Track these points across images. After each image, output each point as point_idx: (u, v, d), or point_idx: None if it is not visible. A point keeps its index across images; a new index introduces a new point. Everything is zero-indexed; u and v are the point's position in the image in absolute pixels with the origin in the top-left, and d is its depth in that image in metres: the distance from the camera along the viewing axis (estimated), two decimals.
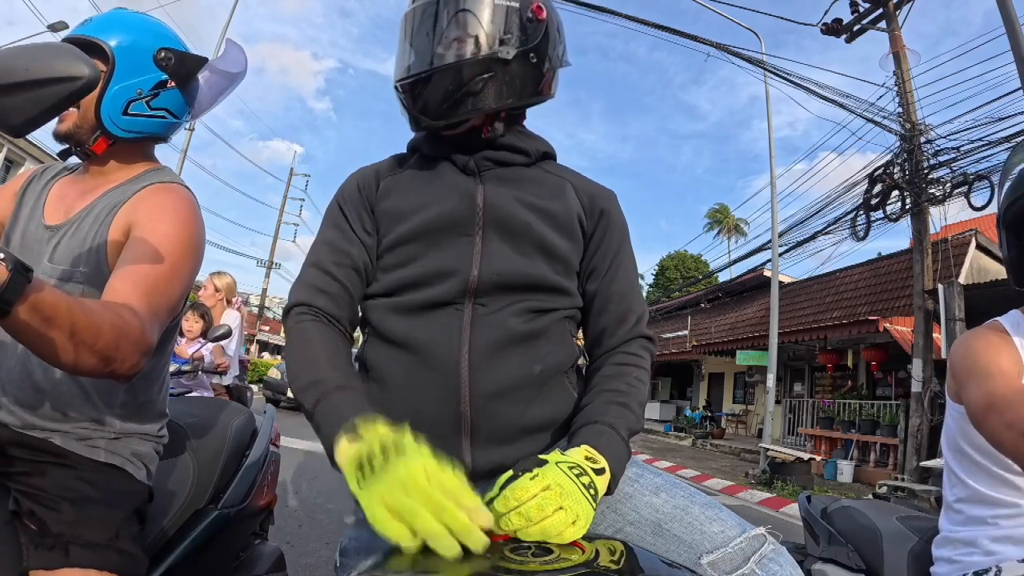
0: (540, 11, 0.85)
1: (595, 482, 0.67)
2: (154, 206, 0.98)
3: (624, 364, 0.87)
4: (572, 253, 0.90)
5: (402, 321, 0.84)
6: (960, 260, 9.51)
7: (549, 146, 0.98)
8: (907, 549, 1.16)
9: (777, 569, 0.71)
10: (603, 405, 0.81)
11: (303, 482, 4.78)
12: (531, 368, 0.82)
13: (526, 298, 0.85)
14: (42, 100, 0.60)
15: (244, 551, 1.46)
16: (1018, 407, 0.85)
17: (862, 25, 9.16)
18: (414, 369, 0.82)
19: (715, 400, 18.46)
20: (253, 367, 15.16)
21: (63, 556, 0.86)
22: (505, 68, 0.83)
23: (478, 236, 0.86)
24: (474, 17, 0.83)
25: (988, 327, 1.06)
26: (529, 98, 0.88)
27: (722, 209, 38.24)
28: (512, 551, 0.59)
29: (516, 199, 0.88)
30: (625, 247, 0.95)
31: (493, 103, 0.84)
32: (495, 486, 0.66)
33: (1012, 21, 5.33)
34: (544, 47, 0.86)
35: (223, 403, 1.52)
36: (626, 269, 0.93)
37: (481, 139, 0.90)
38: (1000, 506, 0.99)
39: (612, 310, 0.91)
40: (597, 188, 0.96)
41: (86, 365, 0.75)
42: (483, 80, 0.82)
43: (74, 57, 0.61)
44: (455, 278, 0.83)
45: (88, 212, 1.00)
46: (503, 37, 0.83)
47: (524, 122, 0.98)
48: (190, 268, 0.98)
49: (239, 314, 4.29)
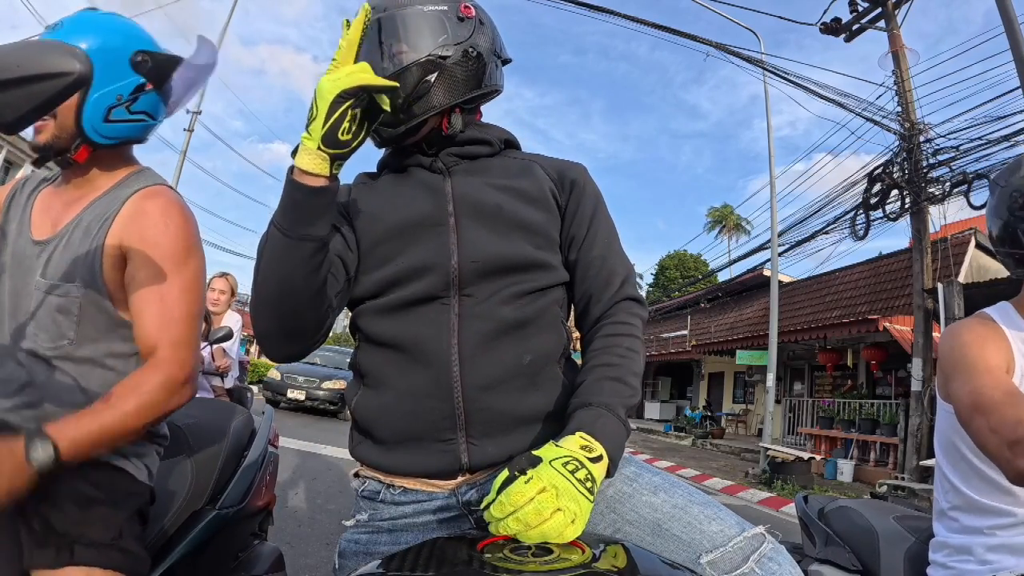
0: (468, 10, 0.90)
1: (592, 472, 0.67)
2: (146, 221, 0.99)
3: (614, 335, 0.86)
4: (549, 225, 0.90)
5: (389, 321, 0.85)
6: (960, 259, 9.52)
7: (510, 135, 1.00)
8: (903, 550, 1.15)
9: (776, 568, 0.71)
10: (595, 383, 0.80)
11: (302, 483, 4.77)
12: (521, 358, 0.83)
13: (512, 281, 0.85)
14: (34, 96, 0.60)
15: (243, 551, 1.46)
16: (1003, 410, 0.83)
17: (861, 24, 9.15)
18: (406, 368, 0.82)
19: (715, 400, 18.47)
20: (253, 368, 15.15)
21: (68, 555, 0.87)
22: (446, 66, 0.86)
23: (451, 225, 0.87)
24: (408, 27, 0.86)
25: (977, 319, 1.04)
26: (477, 90, 0.90)
27: (724, 208, 38.26)
28: (512, 551, 0.59)
29: (485, 184, 0.90)
30: (600, 211, 0.95)
31: (444, 100, 0.87)
32: (492, 489, 0.65)
33: (1011, 20, 5.34)
34: (479, 41, 0.89)
35: (221, 404, 1.52)
36: (605, 233, 0.93)
37: (442, 137, 0.92)
38: (996, 515, 0.96)
39: (594, 275, 0.91)
40: (564, 163, 0.98)
41: (144, 428, 0.92)
42: (428, 81, 0.85)
43: (65, 53, 0.61)
44: (436, 271, 0.84)
45: (76, 224, 0.99)
46: (439, 38, 0.86)
47: (481, 118, 1.00)
48: (197, 271, 1.01)
49: (240, 316, 4.30)
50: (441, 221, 0.87)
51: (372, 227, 0.89)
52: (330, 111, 0.71)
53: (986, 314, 1.04)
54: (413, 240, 0.87)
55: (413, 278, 0.84)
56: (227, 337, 3.25)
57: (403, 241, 0.87)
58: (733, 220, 36.93)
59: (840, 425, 10.30)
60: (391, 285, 0.86)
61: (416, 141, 0.92)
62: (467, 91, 0.89)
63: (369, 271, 0.88)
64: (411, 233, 0.87)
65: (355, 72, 0.72)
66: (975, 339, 0.97)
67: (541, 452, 0.68)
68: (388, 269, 0.86)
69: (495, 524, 0.63)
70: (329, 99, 0.71)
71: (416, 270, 0.85)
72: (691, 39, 8.95)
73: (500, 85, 0.95)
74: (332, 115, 0.71)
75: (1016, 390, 0.88)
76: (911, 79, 8.65)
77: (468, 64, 0.88)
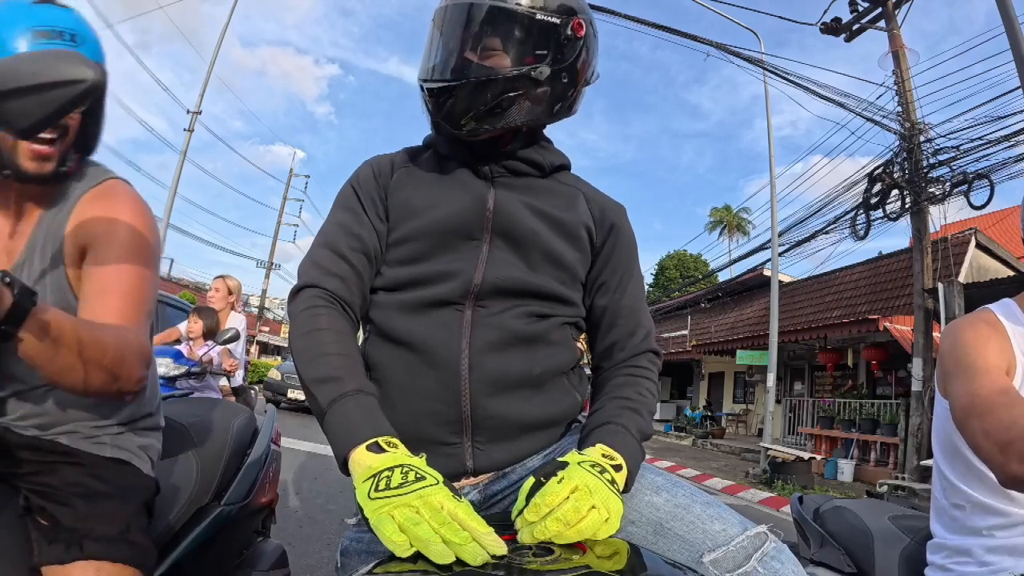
0: (580, 28, 0.83)
1: (616, 478, 0.68)
2: (101, 222, 0.92)
3: (634, 376, 0.88)
4: (578, 263, 0.90)
5: (404, 319, 0.84)
6: (960, 259, 9.51)
7: (564, 158, 0.97)
8: (898, 550, 1.14)
9: (779, 567, 0.70)
10: (615, 409, 0.82)
11: (304, 483, 4.77)
12: (531, 369, 0.83)
13: (527, 303, 0.85)
14: (48, 103, 0.61)
15: (247, 548, 1.47)
16: (998, 413, 0.82)
17: (861, 24, 9.14)
18: (415, 367, 0.82)
19: (715, 400, 18.45)
20: (253, 368, 15.16)
21: (77, 550, 0.87)
22: (535, 86, 0.82)
23: (485, 243, 0.86)
24: (511, 30, 0.80)
25: (979, 316, 1.02)
26: (554, 116, 0.88)
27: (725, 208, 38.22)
28: (512, 551, 0.59)
29: (526, 205, 0.88)
30: (634, 262, 0.95)
31: (518, 120, 0.83)
32: (520, 496, 0.66)
33: (1011, 20, 5.33)
34: (577, 66, 0.85)
35: (225, 403, 1.53)
36: (635, 284, 0.94)
37: (499, 150, 0.90)
38: (995, 515, 0.94)
39: (622, 324, 0.92)
40: (608, 201, 0.97)
41: (96, 383, 0.77)
42: (511, 98, 0.81)
43: (79, 62, 0.62)
44: (459, 281, 0.83)
45: (32, 249, 0.93)
46: (538, 54, 0.81)
47: (544, 131, 0.97)
48: (153, 263, 0.95)
49: (244, 317, 4.32)
50: (477, 235, 0.86)
51: (408, 220, 0.87)
52: None
53: (989, 310, 1.02)
54: (444, 247, 0.86)
55: (436, 282, 0.84)
56: (234, 339, 3.27)
57: (435, 245, 0.86)
58: (733, 220, 36.89)
59: (840, 425, 10.28)
60: (413, 284, 0.85)
61: (473, 140, 0.88)
62: (544, 117, 0.86)
63: (394, 264, 0.87)
64: (444, 239, 0.86)
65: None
66: (975, 338, 0.96)
67: (566, 458, 0.69)
68: (414, 268, 0.85)
69: (529, 529, 0.62)
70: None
71: (441, 275, 0.84)
72: (691, 39, 8.96)
73: (575, 110, 0.92)
74: None
75: (1012, 391, 0.87)
76: (911, 79, 8.65)
77: (558, 89, 0.84)
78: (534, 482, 0.66)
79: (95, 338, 0.75)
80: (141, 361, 0.83)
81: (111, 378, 0.79)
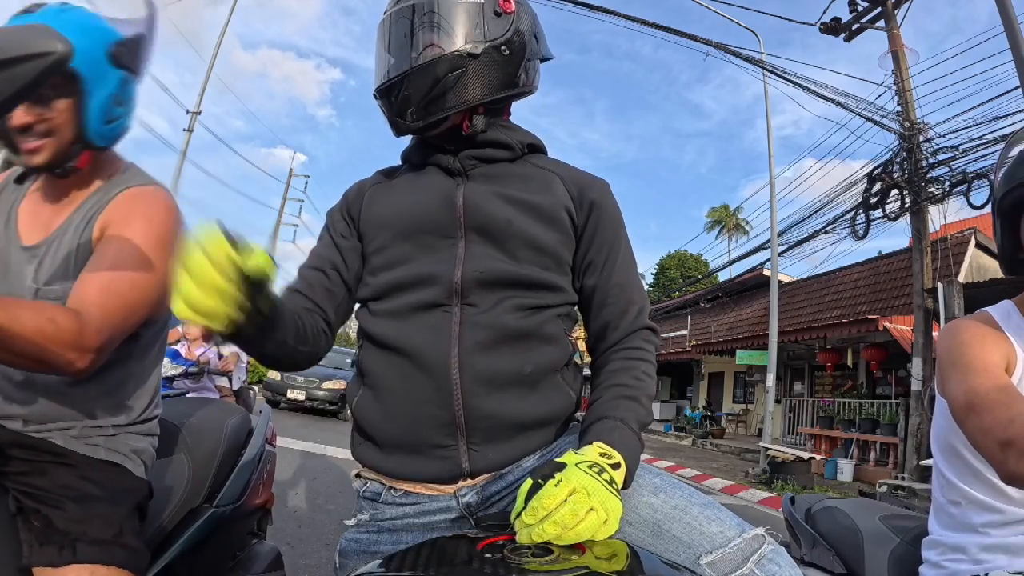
0: (507, 4, 0.86)
1: (614, 477, 0.67)
2: (127, 210, 0.98)
3: (630, 359, 0.86)
4: (561, 247, 0.89)
5: (392, 325, 0.84)
6: (959, 259, 9.52)
7: (535, 138, 0.97)
8: (888, 551, 1.13)
9: (776, 570, 0.70)
10: (611, 400, 0.81)
11: (302, 483, 4.77)
12: (522, 368, 0.82)
13: (514, 295, 0.84)
14: (17, 79, 0.60)
15: (241, 550, 1.46)
16: (996, 411, 0.82)
17: (861, 24, 9.15)
18: (406, 372, 0.82)
19: (715, 400, 18.47)
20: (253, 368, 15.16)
21: (71, 553, 0.87)
22: (476, 63, 0.84)
23: (461, 239, 0.86)
24: (440, 17, 0.84)
25: (977, 318, 1.02)
26: (504, 91, 0.88)
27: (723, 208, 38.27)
28: (512, 551, 0.59)
29: (498, 195, 0.88)
30: (621, 238, 0.93)
31: (466, 98, 0.84)
32: (518, 498, 0.65)
33: (1011, 20, 5.33)
34: (514, 39, 0.87)
35: (218, 403, 1.52)
36: (624, 260, 0.92)
37: (463, 137, 0.90)
38: (991, 512, 0.94)
39: (613, 303, 0.90)
40: (587, 178, 0.95)
41: (16, 364, 0.80)
42: (454, 77, 0.83)
43: (46, 34, 0.61)
44: (439, 282, 0.84)
45: (67, 227, 0.98)
46: (470, 34, 0.84)
47: (509, 117, 0.98)
48: (158, 270, 0.95)
49: None
50: (449, 233, 0.86)
51: (381, 230, 0.89)
52: None
53: (987, 313, 1.03)
54: (420, 249, 0.87)
55: (417, 285, 0.84)
56: None
57: (411, 247, 0.87)
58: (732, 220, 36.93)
59: (840, 425, 10.29)
60: (395, 290, 0.86)
61: (438, 135, 0.90)
62: (492, 92, 0.86)
63: (376, 272, 0.89)
64: (420, 240, 0.87)
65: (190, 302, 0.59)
66: (973, 337, 0.96)
67: (564, 459, 0.68)
68: (394, 273, 0.86)
69: (527, 532, 0.61)
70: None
71: (421, 278, 0.84)
72: (691, 39, 8.96)
73: (532, 86, 0.93)
74: None
75: (1011, 388, 0.87)
76: (911, 79, 8.66)
77: (497, 63, 0.86)
78: (532, 484, 0.65)
79: (6, 323, 0.74)
80: (73, 349, 0.81)
81: (34, 363, 0.79)
